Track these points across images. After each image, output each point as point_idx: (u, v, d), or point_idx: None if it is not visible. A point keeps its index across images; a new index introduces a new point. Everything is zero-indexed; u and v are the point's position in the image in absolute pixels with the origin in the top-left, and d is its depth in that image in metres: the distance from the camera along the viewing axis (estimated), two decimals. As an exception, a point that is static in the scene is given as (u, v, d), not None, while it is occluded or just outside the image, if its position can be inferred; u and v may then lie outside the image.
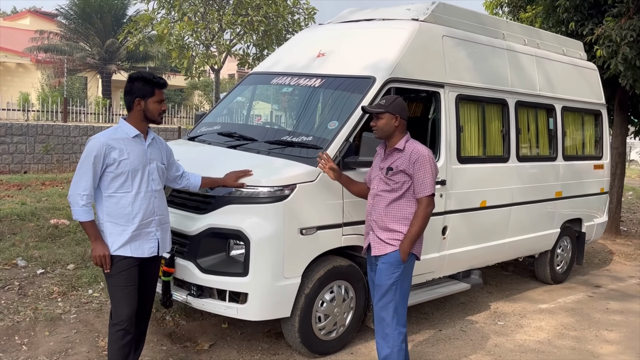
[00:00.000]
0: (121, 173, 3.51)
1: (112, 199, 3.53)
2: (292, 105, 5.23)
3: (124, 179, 3.52)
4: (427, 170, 3.79)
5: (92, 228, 3.51)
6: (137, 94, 3.56)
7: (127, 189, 3.54)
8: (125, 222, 3.55)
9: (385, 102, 3.88)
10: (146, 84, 3.57)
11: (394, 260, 3.81)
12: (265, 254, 4.11)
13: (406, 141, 3.90)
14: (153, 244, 3.68)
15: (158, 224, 3.70)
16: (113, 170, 3.50)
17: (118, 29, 26.37)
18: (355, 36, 5.45)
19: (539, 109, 6.64)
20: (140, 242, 3.61)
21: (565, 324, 5.75)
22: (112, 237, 3.54)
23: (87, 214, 3.47)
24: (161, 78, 3.68)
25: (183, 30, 19.28)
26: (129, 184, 3.54)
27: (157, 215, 3.69)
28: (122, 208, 3.53)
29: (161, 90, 3.64)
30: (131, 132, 3.58)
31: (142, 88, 3.56)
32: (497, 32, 6.21)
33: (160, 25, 19.57)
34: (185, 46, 19.84)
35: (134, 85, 3.58)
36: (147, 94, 3.57)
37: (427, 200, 3.80)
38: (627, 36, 8.22)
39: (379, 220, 3.88)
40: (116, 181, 3.51)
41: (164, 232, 3.78)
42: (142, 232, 3.61)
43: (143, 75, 3.61)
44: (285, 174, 4.23)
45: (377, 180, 3.95)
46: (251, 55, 21.05)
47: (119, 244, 3.54)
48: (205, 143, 5.21)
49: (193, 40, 19.67)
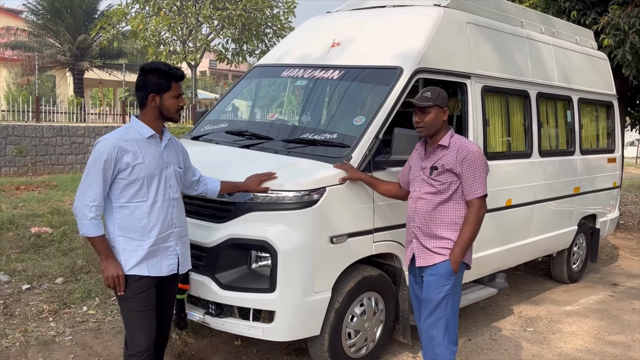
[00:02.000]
0: (135, 180, 3.04)
1: (125, 210, 3.06)
2: (308, 99, 4.76)
3: (139, 187, 3.05)
4: (478, 168, 3.39)
5: (103, 244, 3.03)
6: (152, 89, 3.08)
7: (143, 198, 3.07)
8: (140, 236, 3.08)
9: (432, 95, 3.46)
10: (161, 76, 3.09)
11: (443, 271, 3.40)
12: (294, 267, 3.66)
13: (451, 137, 3.49)
14: (172, 260, 3.22)
15: (177, 237, 3.24)
16: (126, 176, 3.02)
17: (90, 24, 25.40)
18: (373, 24, 5.01)
19: (558, 101, 6.31)
20: (158, 258, 3.15)
21: (598, 328, 5.43)
22: (125, 254, 3.07)
23: (97, 228, 2.99)
24: (178, 69, 3.19)
25: (159, 25, 18.62)
26: (144, 192, 3.07)
27: (176, 227, 3.23)
28: (136, 220, 3.07)
29: (178, 83, 3.17)
30: (146, 132, 3.11)
31: (156, 81, 3.08)
32: (516, 19, 5.85)
33: (135, 20, 18.90)
34: (162, 42, 19.17)
35: (147, 78, 3.09)
36: (162, 88, 3.09)
37: (479, 203, 3.40)
38: (636, 24, 7.96)
39: (424, 226, 3.46)
40: (129, 189, 3.04)
41: (184, 246, 3.32)
42: (159, 247, 3.14)
43: (157, 66, 3.12)
44: (313, 177, 3.78)
45: (419, 181, 3.53)
46: (230, 50, 20.48)
47: (134, 262, 3.07)
48: (212, 143, 4.72)
49: (170, 36, 19.01)
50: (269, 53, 5.63)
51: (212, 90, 46.13)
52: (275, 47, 5.67)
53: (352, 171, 3.83)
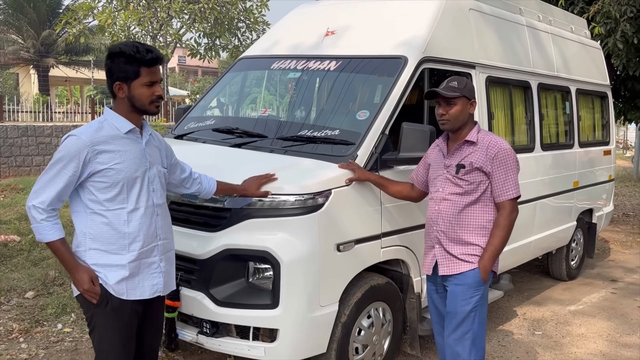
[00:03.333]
0: (113, 183, 2.56)
1: (100, 218, 2.58)
2: (303, 93, 4.38)
3: (118, 191, 2.58)
4: (510, 167, 3.07)
5: (65, 248, 2.54)
6: (117, 76, 2.59)
7: (122, 204, 2.60)
8: (118, 250, 2.60)
9: (459, 84, 3.11)
10: (128, 61, 2.57)
11: (471, 281, 3.06)
12: (299, 279, 3.28)
13: (478, 131, 3.15)
14: (157, 279, 2.73)
15: (162, 252, 2.76)
16: (101, 179, 2.55)
17: (54, 19, 24.45)
18: (369, 11, 4.64)
19: (557, 92, 6.06)
20: (139, 277, 2.66)
21: (607, 329, 5.19)
22: (100, 270, 2.59)
23: (52, 229, 2.50)
24: (150, 50, 2.64)
25: (128, 20, 17.96)
26: (123, 197, 2.59)
27: (161, 239, 2.75)
28: (113, 230, 2.58)
29: (151, 69, 2.63)
30: (124, 126, 2.62)
31: (123, 67, 2.57)
32: (515, 6, 5.56)
33: (103, 15, 18.21)
34: (131, 37, 18.51)
35: (113, 63, 2.59)
36: (130, 74, 2.58)
37: (511, 205, 3.08)
38: (627, 12, 7.79)
39: (450, 230, 3.12)
40: (106, 193, 2.57)
41: (169, 262, 2.84)
42: (141, 263, 2.66)
43: (123, 49, 2.58)
44: (317, 178, 3.40)
45: (442, 181, 3.18)
46: (202, 45, 19.91)
47: (112, 282, 2.59)
48: (198, 142, 4.30)
49: (140, 30, 18.37)
50: (256, 44, 5.22)
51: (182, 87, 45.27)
52: (261, 37, 5.27)
53: (359, 171, 3.47)
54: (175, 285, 2.96)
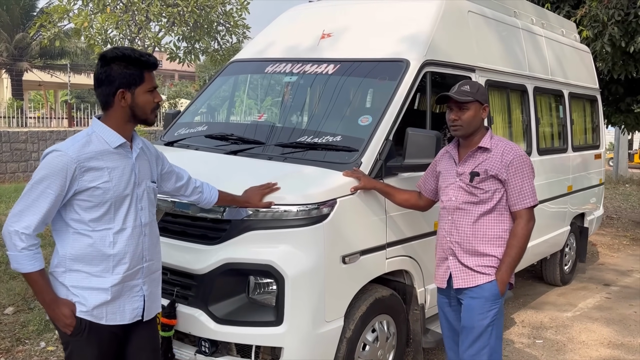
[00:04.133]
0: (100, 203, 2.35)
1: (84, 239, 2.36)
2: (300, 98, 4.22)
3: (104, 211, 2.37)
4: (526, 174, 2.94)
5: (43, 281, 2.33)
6: (120, 82, 2.36)
7: (107, 225, 2.38)
8: (101, 272, 2.38)
9: (472, 89, 2.98)
10: (130, 65, 2.37)
11: (489, 293, 2.93)
12: (304, 294, 3.11)
13: (491, 137, 3.02)
14: (137, 303, 2.50)
15: (146, 274, 2.54)
16: (87, 198, 2.34)
17: (28, 22, 23.87)
18: (367, 13, 4.50)
19: (551, 96, 6.00)
20: (120, 301, 2.44)
21: (608, 335, 5.11)
22: (79, 293, 2.37)
23: (32, 260, 2.28)
24: (150, 54, 2.48)
25: (105, 23, 17.57)
26: (110, 217, 2.38)
27: (147, 261, 2.53)
28: (98, 251, 2.37)
29: (152, 73, 2.46)
30: (114, 140, 2.40)
31: (125, 72, 2.36)
32: (510, 9, 5.47)
33: (79, 18, 17.76)
34: (109, 40, 18.12)
35: (112, 69, 2.36)
36: (134, 80, 2.38)
37: (528, 214, 2.95)
38: (615, 15, 7.79)
39: (465, 241, 2.98)
40: (91, 213, 2.36)
41: (154, 285, 2.61)
42: (124, 286, 2.45)
43: (124, 52, 2.38)
44: (322, 187, 3.24)
45: (454, 189, 3.04)
46: (182, 49, 19.59)
47: (91, 305, 2.37)
48: (190, 149, 4.10)
49: (118, 34, 17.99)
50: (247, 47, 5.05)
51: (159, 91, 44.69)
52: (252, 40, 5.09)
53: (365, 179, 3.32)
54: (159, 308, 2.73)
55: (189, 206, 3.35)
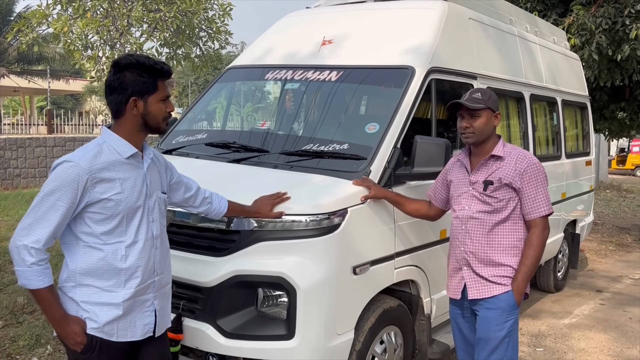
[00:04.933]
0: (112, 215, 2.28)
1: (95, 253, 2.28)
2: (303, 105, 4.14)
3: (116, 223, 2.29)
4: (541, 182, 2.91)
5: (52, 298, 2.24)
6: (133, 90, 2.29)
7: (119, 238, 2.31)
8: (113, 287, 2.30)
9: (483, 96, 2.95)
10: (144, 72, 2.31)
11: (505, 304, 2.88)
12: (316, 306, 3.03)
13: (503, 145, 2.99)
14: (149, 318, 2.43)
15: (157, 288, 2.46)
16: (99, 210, 2.26)
17: (5, 27, 23.44)
18: (368, 20, 4.45)
19: (546, 103, 6.02)
20: (131, 317, 2.37)
21: (606, 343, 5.12)
22: (90, 308, 2.28)
23: (41, 276, 2.18)
24: (164, 63, 2.42)
25: (86, 28, 17.30)
26: (122, 229, 2.31)
27: (158, 274, 2.46)
28: (109, 265, 2.29)
29: (165, 82, 2.39)
30: (126, 150, 2.32)
31: (139, 80, 2.29)
32: (506, 17, 5.49)
33: (58, 23, 17.47)
34: (89, 45, 17.85)
35: (125, 76, 2.29)
36: (147, 88, 2.31)
37: (543, 222, 2.92)
38: (602, 24, 7.89)
39: (479, 251, 2.93)
40: (103, 225, 2.28)
41: (164, 299, 2.54)
42: (135, 301, 2.37)
43: (138, 59, 2.31)
44: (333, 196, 3.17)
45: (467, 198, 2.99)
46: (164, 54, 19.39)
47: (102, 321, 2.29)
48: (191, 157, 4.00)
49: (98, 39, 17.72)
50: (244, 53, 4.96)
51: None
52: (249, 46, 5.00)
53: (375, 188, 3.26)
54: (169, 323, 2.64)
55: (189, 215, 3.26)
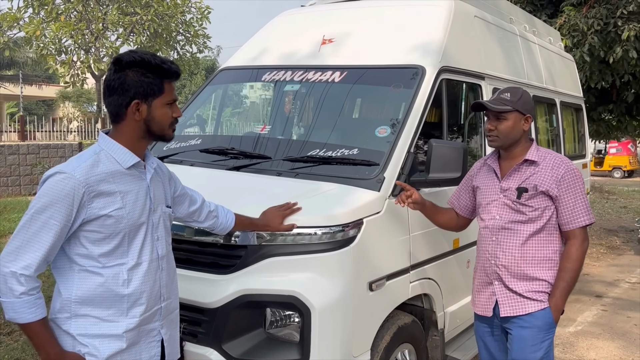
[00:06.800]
0: (112, 234, 2.00)
1: (93, 278, 1.99)
2: (305, 108, 3.89)
3: (117, 243, 2.01)
4: (580, 189, 2.69)
5: (46, 332, 1.94)
6: (135, 92, 2.01)
7: (120, 259, 2.03)
8: (113, 316, 2.02)
9: (512, 97, 2.72)
10: (150, 73, 2.03)
11: (542, 322, 2.65)
12: (332, 327, 2.76)
13: (537, 149, 2.76)
14: (155, 349, 2.16)
15: (164, 315, 2.19)
16: (97, 228, 1.97)
17: (-27, 31, 22.68)
18: (370, 18, 4.22)
19: (546, 104, 5.86)
20: (136, 348, 2.09)
21: (616, 352, 4.95)
22: (89, 342, 1.99)
23: (33, 307, 1.89)
24: (172, 62, 2.13)
25: (60, 32, 16.80)
26: (123, 250, 2.03)
27: (165, 300, 2.18)
28: (109, 292, 2.01)
29: (172, 84, 2.12)
30: (126, 160, 2.05)
31: (142, 81, 2.01)
32: (507, 16, 5.31)
33: (30, 26, 16.95)
34: (63, 50, 17.35)
35: (128, 76, 2.01)
36: (152, 90, 2.03)
37: (582, 234, 2.69)
38: (594, 25, 7.79)
39: (512, 265, 2.69)
40: (101, 246, 2.00)
41: (172, 326, 2.27)
42: (140, 330, 2.09)
43: (143, 57, 2.03)
44: (347, 206, 2.91)
45: (498, 207, 2.76)
46: (140, 59, 18.92)
47: (104, 356, 2.00)
48: (185, 164, 3.71)
49: (73, 43, 17.23)
50: (238, 54, 4.67)
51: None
52: (242, 47, 4.72)
53: (417, 193, 2.94)
54: (179, 353, 2.36)
55: (184, 228, 2.97)
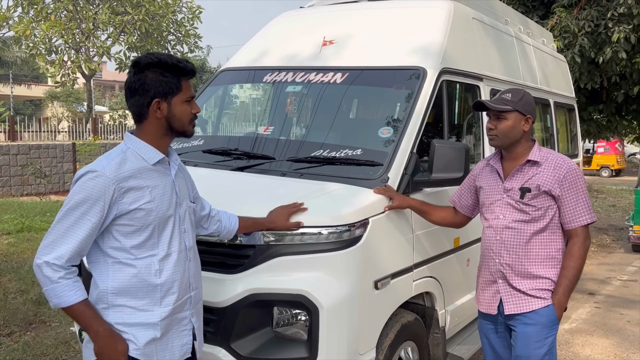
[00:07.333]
0: (143, 226, 2.12)
1: (127, 269, 2.13)
2: (306, 109, 3.92)
3: (148, 235, 2.14)
4: (581, 188, 2.75)
5: (89, 311, 2.06)
6: (155, 91, 2.14)
7: (152, 250, 2.15)
8: (148, 305, 2.15)
9: (513, 97, 2.78)
10: (167, 72, 2.15)
11: (546, 319, 2.71)
12: (339, 326, 2.81)
13: (539, 150, 2.82)
14: (187, 337, 2.29)
15: (194, 304, 2.33)
16: (129, 222, 2.09)
17: (-39, 31, 22.48)
18: (370, 19, 4.25)
19: (541, 105, 5.93)
20: (169, 336, 2.21)
21: (611, 348, 5.04)
22: (127, 330, 2.12)
23: (73, 289, 2.01)
24: (187, 61, 2.26)
25: (50, 31, 16.71)
26: (153, 241, 2.16)
27: (193, 289, 2.32)
28: (143, 282, 2.14)
29: (189, 82, 2.25)
30: (152, 156, 2.18)
31: (161, 80, 2.14)
32: (502, 17, 5.38)
33: (20, 26, 16.84)
34: (53, 49, 17.26)
35: (147, 77, 2.14)
36: (170, 89, 2.16)
37: (584, 232, 2.75)
38: (585, 27, 7.90)
39: (516, 263, 2.75)
40: (134, 238, 2.12)
41: (199, 316, 2.41)
42: (172, 319, 2.21)
43: (160, 58, 2.16)
44: (352, 206, 2.95)
45: (501, 206, 2.82)
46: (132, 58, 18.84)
47: (142, 343, 2.12)
48: (188, 165, 3.67)
49: (63, 43, 17.14)
50: (238, 55, 4.69)
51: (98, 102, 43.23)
52: (242, 48, 4.75)
53: (399, 197, 3.06)
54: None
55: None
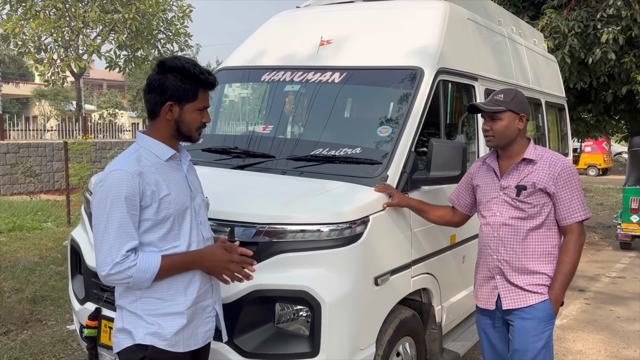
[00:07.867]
0: (164, 218, 2.23)
1: None
2: (305, 108, 3.96)
3: (169, 227, 2.25)
4: (575, 185, 2.82)
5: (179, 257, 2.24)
6: (171, 94, 2.24)
7: (174, 242, 2.27)
8: (173, 295, 2.26)
9: (505, 97, 2.85)
10: (187, 80, 2.25)
11: (543, 314, 2.77)
12: (341, 321, 2.86)
13: (534, 148, 2.89)
14: (210, 324, 2.44)
15: (215, 292, 2.46)
16: (151, 215, 2.20)
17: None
18: (367, 19, 4.30)
19: (533, 104, 6.01)
20: (194, 324, 2.34)
21: (602, 344, 5.14)
22: (154, 321, 2.23)
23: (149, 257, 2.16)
24: (210, 73, 2.35)
25: (39, 29, 16.60)
26: (175, 233, 2.27)
27: (213, 277, 2.42)
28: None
29: (207, 93, 2.35)
30: (164, 153, 2.29)
31: (179, 86, 2.24)
32: (495, 17, 5.46)
33: (8, 24, 16.71)
34: (42, 47, 17.14)
35: (167, 79, 2.24)
36: (186, 96, 2.26)
37: (579, 228, 2.82)
38: (575, 27, 8.01)
39: (514, 259, 2.82)
40: (156, 232, 2.22)
41: (220, 304, 2.53)
42: (197, 307, 2.34)
43: (184, 64, 2.26)
44: (353, 204, 3.00)
45: (498, 204, 2.88)
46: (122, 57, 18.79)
47: (170, 333, 2.23)
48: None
49: (53, 41, 17.02)
50: (235, 54, 4.72)
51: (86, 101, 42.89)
52: (239, 48, 4.78)
53: (398, 196, 3.11)
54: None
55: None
